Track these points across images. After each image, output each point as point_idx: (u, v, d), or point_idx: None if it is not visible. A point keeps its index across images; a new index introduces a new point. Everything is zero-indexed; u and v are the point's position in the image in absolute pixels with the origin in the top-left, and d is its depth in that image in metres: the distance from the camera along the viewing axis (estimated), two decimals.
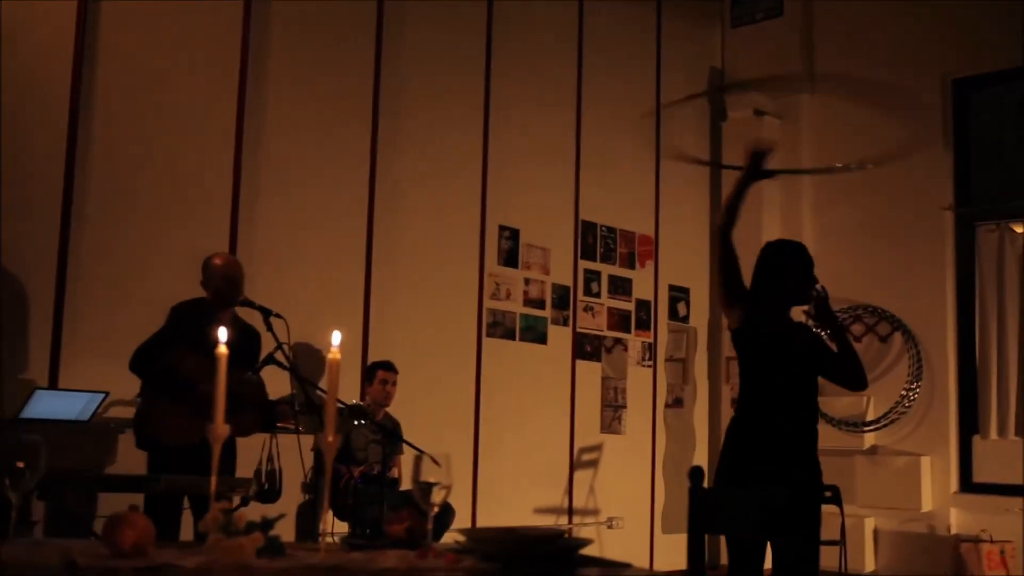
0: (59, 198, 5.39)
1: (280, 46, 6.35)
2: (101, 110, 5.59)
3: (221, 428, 2.26)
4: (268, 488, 4.95)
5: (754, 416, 4.00)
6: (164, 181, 5.80)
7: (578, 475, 7.72)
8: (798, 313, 4.37)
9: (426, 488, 2.39)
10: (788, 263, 4.23)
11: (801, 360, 4.06)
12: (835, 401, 8.22)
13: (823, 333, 4.49)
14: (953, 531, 7.66)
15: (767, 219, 8.59)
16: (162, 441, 4.71)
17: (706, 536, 2.74)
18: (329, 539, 2.40)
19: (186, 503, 4.72)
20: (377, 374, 6.08)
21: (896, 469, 7.85)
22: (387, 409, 6.12)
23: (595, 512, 7.80)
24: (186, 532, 4.67)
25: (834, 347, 4.23)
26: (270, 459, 5.01)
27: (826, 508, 5.00)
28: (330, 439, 2.31)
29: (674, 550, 7.95)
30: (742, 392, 4.12)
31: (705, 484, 2.69)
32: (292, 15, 6.43)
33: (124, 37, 5.71)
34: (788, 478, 3.83)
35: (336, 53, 6.63)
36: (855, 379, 4.19)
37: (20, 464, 2.17)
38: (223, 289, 4.85)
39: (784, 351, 4.04)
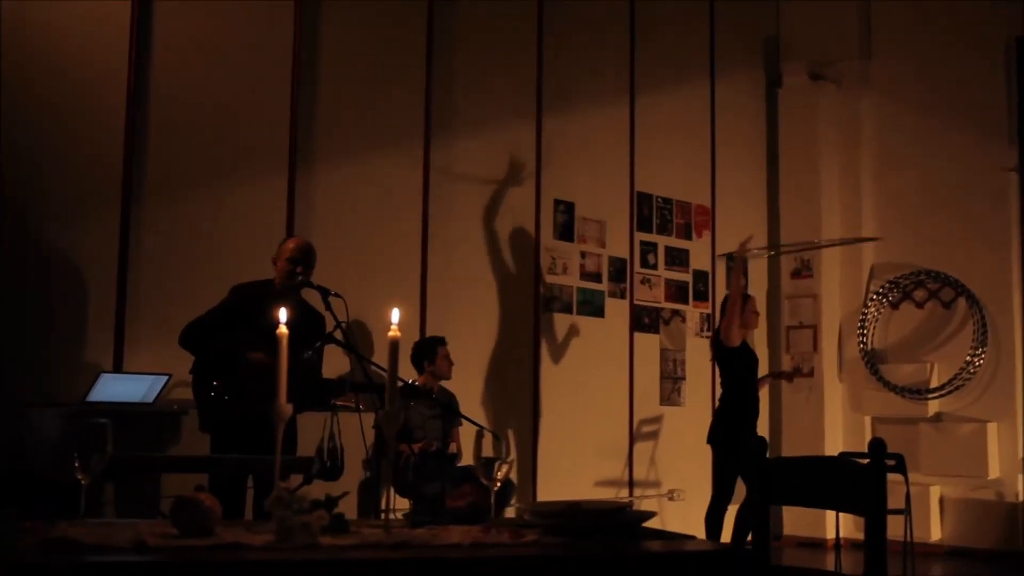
0: (119, 185, 5.47)
1: (333, 26, 6.36)
2: (158, 95, 5.65)
3: (285, 408, 2.28)
4: (330, 466, 4.99)
5: (749, 404, 6.47)
6: (222, 166, 5.86)
7: (638, 447, 7.71)
8: None
9: (488, 463, 2.39)
10: (748, 306, 6.53)
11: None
12: (898, 369, 8.13)
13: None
14: (1022, 498, 7.54)
15: (826, 186, 8.49)
16: (220, 419, 4.76)
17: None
18: (392, 515, 2.41)
19: (250, 482, 4.78)
20: (439, 350, 6.08)
21: (962, 436, 7.74)
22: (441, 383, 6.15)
23: (656, 484, 7.79)
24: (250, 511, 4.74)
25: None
26: (332, 437, 5.03)
27: (890, 477, 4.95)
28: (391, 414, 2.33)
29: None
30: (737, 388, 6.45)
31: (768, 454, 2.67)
32: (344, 5, 6.44)
33: (179, 23, 5.76)
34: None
35: (388, 30, 6.63)
36: None
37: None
38: (287, 270, 4.88)
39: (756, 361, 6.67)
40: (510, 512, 5.95)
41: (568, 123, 7.42)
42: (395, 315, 2.29)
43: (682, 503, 7.81)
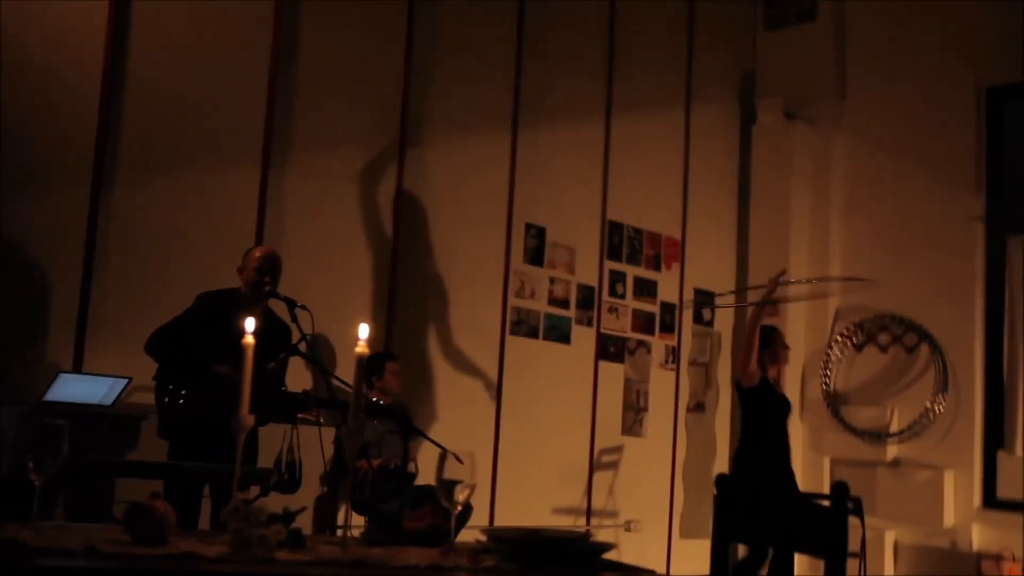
0: (88, 183, 5.41)
1: (311, 35, 6.34)
2: (131, 96, 5.60)
3: (246, 419, 2.25)
4: (288, 478, 4.93)
5: (770, 450, 6.15)
6: (192, 169, 5.81)
7: (597, 476, 7.68)
8: None
9: (449, 486, 2.37)
10: (775, 339, 6.27)
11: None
12: (858, 411, 8.15)
13: None
14: (975, 547, 7.56)
15: (795, 225, 8.54)
16: (179, 426, 4.72)
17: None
18: (343, 532, 2.38)
19: (206, 491, 4.73)
20: (387, 366, 6.04)
21: (919, 482, 7.77)
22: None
23: (613, 514, 7.76)
24: (204, 520, 4.68)
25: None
26: (290, 449, 4.98)
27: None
28: (354, 431, 2.30)
29: (692, 555, 7.92)
30: (753, 432, 6.21)
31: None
32: (324, 5, 6.42)
33: (157, 22, 5.72)
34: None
35: (366, 44, 6.61)
36: None
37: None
38: (253, 280, 4.85)
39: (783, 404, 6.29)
40: (466, 535, 5.91)
41: (542, 147, 7.42)
42: (363, 331, 2.27)
43: (638, 534, 7.80)
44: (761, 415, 6.13)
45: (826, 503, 2.55)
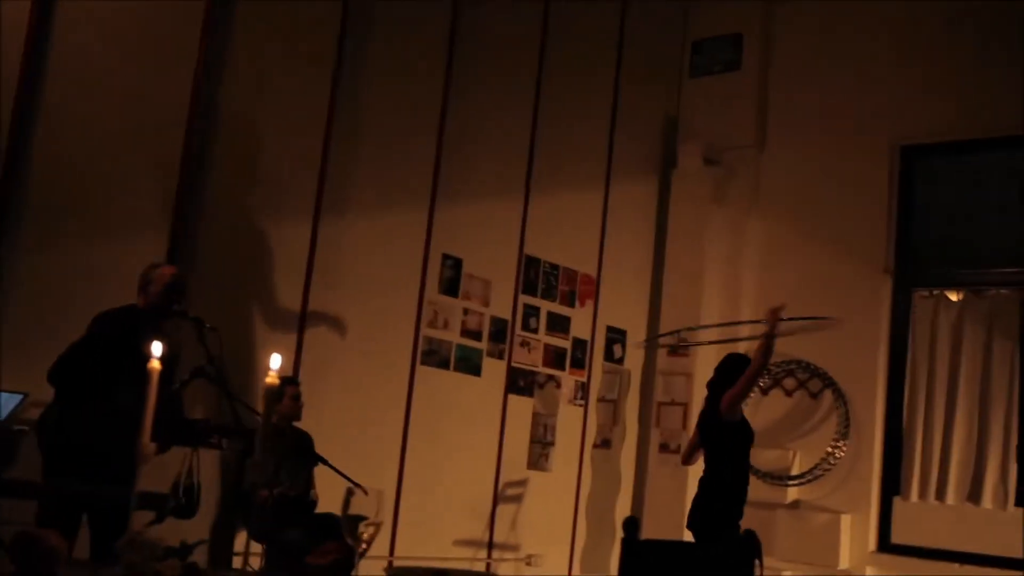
0: None
1: (237, 54, 6.23)
2: (44, 115, 5.41)
3: (148, 447, 2.18)
4: (185, 503, 4.82)
5: (741, 487, 6.01)
6: (104, 186, 5.65)
7: (501, 509, 7.64)
8: None
9: (354, 522, 2.32)
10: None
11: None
12: (761, 453, 8.23)
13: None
14: None
15: (709, 268, 8.62)
16: (71, 446, 4.56)
17: None
18: (242, 560, 2.32)
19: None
20: (287, 390, 5.92)
21: (816, 525, 7.88)
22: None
23: (515, 548, 7.73)
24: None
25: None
26: (189, 474, 4.87)
27: None
28: (259, 463, 2.24)
29: None
30: (721, 464, 6.01)
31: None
32: (252, 20, 6.32)
33: (75, 40, 5.56)
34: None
35: (295, 65, 6.52)
36: None
37: None
38: (163, 298, 4.73)
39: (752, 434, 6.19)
40: (371, 567, 5.82)
41: (464, 177, 7.41)
42: (275, 361, 2.21)
43: (539, 569, 7.77)
44: (735, 448, 6.06)
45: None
